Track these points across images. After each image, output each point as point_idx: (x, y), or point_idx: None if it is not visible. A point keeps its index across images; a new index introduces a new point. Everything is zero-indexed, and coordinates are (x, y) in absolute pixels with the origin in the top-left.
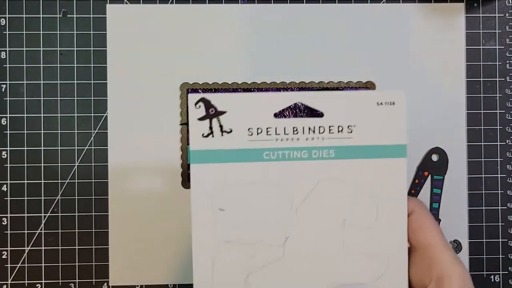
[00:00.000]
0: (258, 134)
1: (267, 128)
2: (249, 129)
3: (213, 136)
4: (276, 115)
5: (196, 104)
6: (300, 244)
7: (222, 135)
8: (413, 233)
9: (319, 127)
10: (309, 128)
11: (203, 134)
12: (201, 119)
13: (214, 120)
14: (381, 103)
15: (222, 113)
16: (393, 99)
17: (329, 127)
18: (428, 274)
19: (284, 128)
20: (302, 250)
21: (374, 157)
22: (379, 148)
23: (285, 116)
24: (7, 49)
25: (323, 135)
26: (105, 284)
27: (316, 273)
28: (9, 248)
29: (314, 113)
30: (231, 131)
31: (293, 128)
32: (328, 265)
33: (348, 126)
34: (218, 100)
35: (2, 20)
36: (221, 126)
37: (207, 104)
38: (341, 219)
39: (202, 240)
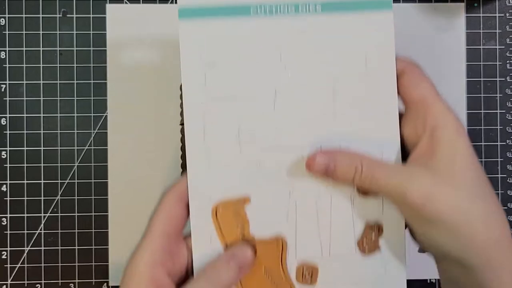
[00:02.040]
0: None
1: None
2: None
3: None
4: None
5: None
6: (290, 99)
7: None
8: (406, 89)
9: None
10: None
11: None
12: None
13: None
14: None
15: None
16: None
17: None
18: (422, 125)
19: None
20: (292, 104)
21: (360, 9)
22: (365, 1)
23: None
24: (7, 49)
25: None
26: (105, 284)
27: (307, 125)
28: (8, 248)
29: None
30: None
31: None
32: (319, 117)
33: None
34: None
35: (2, 20)
36: None
37: None
38: (330, 74)
39: (193, 97)
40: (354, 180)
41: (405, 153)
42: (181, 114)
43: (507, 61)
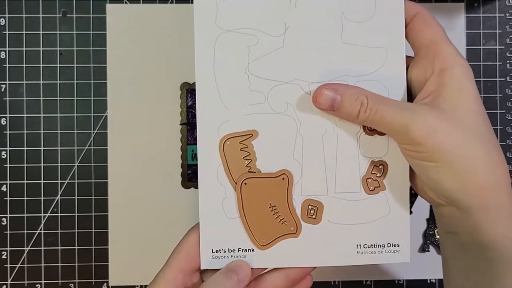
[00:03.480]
0: None
1: None
2: None
3: None
4: None
5: None
6: (300, 35)
7: None
8: (417, 32)
9: None
10: None
11: None
12: None
13: None
14: None
15: None
16: None
17: None
18: (431, 67)
19: None
20: (302, 41)
21: None
22: None
23: None
24: (7, 49)
25: None
26: (105, 284)
27: (315, 61)
28: (8, 248)
29: None
30: None
31: None
32: (327, 54)
33: None
34: None
35: (2, 20)
36: None
37: None
38: (340, 12)
39: (204, 29)
40: (359, 115)
41: (412, 99)
42: (181, 114)
43: (507, 61)
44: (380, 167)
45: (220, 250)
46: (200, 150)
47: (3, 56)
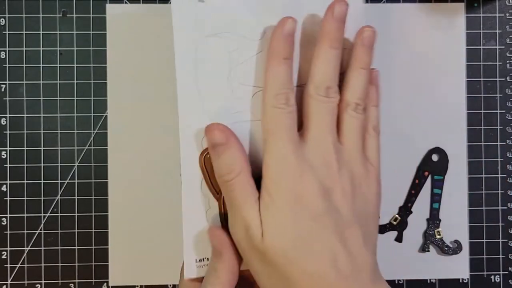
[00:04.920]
0: None
1: None
2: None
3: None
4: None
5: None
6: None
7: None
8: None
9: None
10: None
11: None
12: None
13: None
14: None
15: None
16: None
17: None
18: None
19: None
20: None
21: None
22: None
23: None
24: (7, 49)
25: None
26: (105, 284)
27: (294, 64)
28: (8, 248)
29: None
30: None
31: None
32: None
33: None
34: None
35: (2, 20)
36: None
37: None
38: (321, 16)
39: (183, 35)
40: (223, 177)
41: None
42: None
43: (507, 61)
44: None
45: (203, 259)
46: (184, 161)
47: (3, 56)
